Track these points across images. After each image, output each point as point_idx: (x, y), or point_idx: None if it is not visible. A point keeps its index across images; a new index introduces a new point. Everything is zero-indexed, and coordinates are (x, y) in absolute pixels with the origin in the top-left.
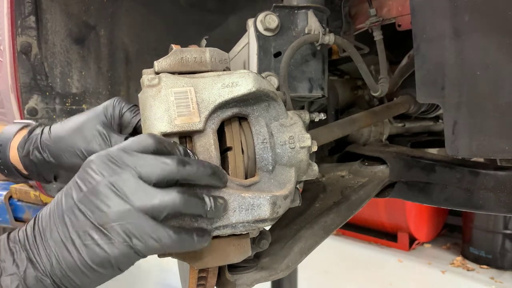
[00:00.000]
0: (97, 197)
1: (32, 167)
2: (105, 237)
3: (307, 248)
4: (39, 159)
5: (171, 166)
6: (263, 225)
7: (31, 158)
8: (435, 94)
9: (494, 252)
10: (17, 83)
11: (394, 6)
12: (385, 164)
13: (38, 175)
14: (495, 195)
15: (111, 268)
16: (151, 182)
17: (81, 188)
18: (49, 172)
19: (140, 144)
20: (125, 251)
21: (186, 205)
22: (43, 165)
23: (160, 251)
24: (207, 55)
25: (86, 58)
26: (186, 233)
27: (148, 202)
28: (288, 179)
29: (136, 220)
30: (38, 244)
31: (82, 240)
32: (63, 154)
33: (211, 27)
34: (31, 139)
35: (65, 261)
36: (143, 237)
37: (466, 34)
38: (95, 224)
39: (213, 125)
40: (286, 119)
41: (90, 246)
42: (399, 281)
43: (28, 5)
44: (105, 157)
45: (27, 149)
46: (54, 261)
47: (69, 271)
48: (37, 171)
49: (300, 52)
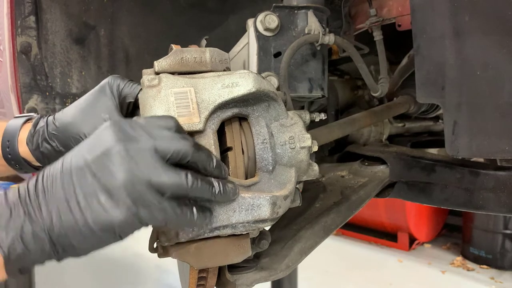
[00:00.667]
0: (110, 161)
1: (44, 159)
2: (112, 201)
3: (307, 248)
4: (50, 150)
5: (187, 147)
6: (263, 225)
7: (41, 150)
8: (435, 94)
9: (494, 252)
10: (17, 83)
11: (394, 6)
12: (385, 164)
13: None
14: (495, 195)
15: (112, 234)
16: (165, 157)
17: (94, 149)
18: None
19: (161, 120)
20: (130, 218)
21: (195, 186)
22: (54, 156)
23: (162, 223)
24: (207, 55)
25: (86, 58)
26: (188, 208)
27: (158, 177)
28: (288, 179)
29: (145, 191)
30: (40, 201)
31: (87, 201)
32: (71, 142)
33: (211, 27)
34: (38, 132)
35: (66, 219)
36: (149, 206)
37: (466, 34)
38: (104, 187)
39: (213, 125)
40: (287, 119)
41: (95, 208)
42: (399, 281)
43: (28, 5)
44: (125, 123)
45: (36, 142)
46: (55, 218)
47: (69, 230)
48: (49, 162)
49: (300, 52)
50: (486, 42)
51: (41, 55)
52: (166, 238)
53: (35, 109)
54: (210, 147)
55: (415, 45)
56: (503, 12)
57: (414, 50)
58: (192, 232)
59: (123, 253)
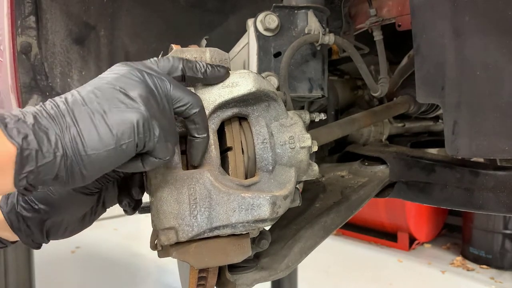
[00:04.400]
0: (129, 78)
1: (20, 224)
2: (129, 106)
3: (307, 248)
4: (27, 210)
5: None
6: (263, 225)
7: (17, 211)
8: (435, 94)
9: (494, 252)
10: (17, 83)
11: (394, 6)
12: (385, 164)
13: (27, 235)
14: (495, 195)
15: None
16: None
17: (111, 74)
18: (39, 226)
19: None
20: (145, 121)
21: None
22: (31, 218)
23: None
24: (207, 55)
25: (86, 58)
26: None
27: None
28: (288, 179)
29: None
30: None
31: (109, 106)
32: (51, 193)
33: (211, 27)
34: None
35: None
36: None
37: (466, 34)
38: (123, 92)
39: (213, 125)
40: (286, 119)
41: (114, 111)
42: (399, 281)
43: (28, 5)
44: None
45: (11, 203)
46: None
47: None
48: (25, 229)
49: (300, 52)
50: (486, 42)
51: (41, 55)
52: (166, 237)
53: None
54: (210, 147)
55: (415, 45)
56: (503, 12)
57: (414, 50)
58: (192, 231)
59: (123, 253)
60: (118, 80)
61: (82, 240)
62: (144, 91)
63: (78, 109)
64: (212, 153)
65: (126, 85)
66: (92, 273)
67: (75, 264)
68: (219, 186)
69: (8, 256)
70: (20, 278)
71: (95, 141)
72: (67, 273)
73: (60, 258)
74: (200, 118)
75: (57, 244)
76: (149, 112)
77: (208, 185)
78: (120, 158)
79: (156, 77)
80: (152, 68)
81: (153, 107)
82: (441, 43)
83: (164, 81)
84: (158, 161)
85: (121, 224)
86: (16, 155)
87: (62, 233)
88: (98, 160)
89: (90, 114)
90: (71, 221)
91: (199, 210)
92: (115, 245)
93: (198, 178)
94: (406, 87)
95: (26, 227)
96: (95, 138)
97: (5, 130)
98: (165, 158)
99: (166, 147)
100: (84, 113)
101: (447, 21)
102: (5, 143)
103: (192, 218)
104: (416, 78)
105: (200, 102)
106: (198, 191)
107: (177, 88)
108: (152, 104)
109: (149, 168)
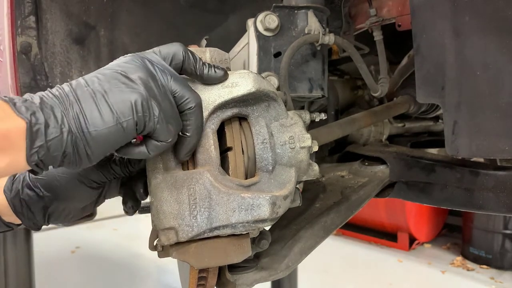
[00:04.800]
0: (131, 63)
1: (23, 209)
2: (130, 87)
3: (307, 248)
4: (31, 196)
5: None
6: (263, 225)
7: (22, 198)
8: (435, 94)
9: (494, 252)
10: (17, 83)
11: (394, 6)
12: (385, 164)
13: (29, 219)
14: (495, 195)
15: (129, 114)
16: None
17: (116, 62)
18: (42, 211)
19: None
20: (144, 101)
21: (187, 55)
22: (35, 204)
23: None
24: (207, 55)
25: (86, 58)
26: None
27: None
28: (288, 179)
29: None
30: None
31: (110, 86)
32: (56, 181)
33: (211, 27)
34: (18, 178)
35: (87, 105)
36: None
37: (466, 34)
38: (124, 75)
39: (213, 125)
40: (287, 119)
41: (115, 91)
42: (399, 281)
43: (28, 5)
44: None
45: (15, 189)
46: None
47: (87, 112)
48: (28, 213)
49: (300, 52)
50: (486, 42)
51: (41, 55)
52: (166, 237)
53: None
54: (210, 147)
55: (415, 45)
56: (503, 12)
57: (414, 50)
58: (192, 231)
59: (123, 253)
60: (120, 65)
61: (82, 240)
62: (144, 74)
63: (81, 90)
64: (211, 153)
65: (127, 68)
66: (92, 273)
67: (75, 264)
68: (219, 186)
69: (8, 256)
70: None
71: (97, 118)
72: (67, 273)
73: (60, 258)
74: (194, 116)
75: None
76: (149, 93)
77: (208, 185)
78: (121, 137)
79: (157, 66)
80: (155, 57)
81: (153, 89)
82: (441, 43)
83: (165, 72)
84: (161, 145)
85: (121, 224)
86: (26, 130)
87: (62, 220)
88: (100, 137)
89: (91, 94)
90: (73, 209)
91: (199, 210)
92: (115, 245)
93: (198, 179)
94: (406, 87)
95: (29, 211)
96: (96, 116)
97: (14, 107)
98: (167, 141)
99: (167, 128)
100: (86, 93)
101: (447, 21)
102: (15, 119)
103: (192, 218)
104: (416, 78)
105: (198, 100)
106: (198, 191)
107: (177, 81)
108: (151, 87)
109: (153, 154)
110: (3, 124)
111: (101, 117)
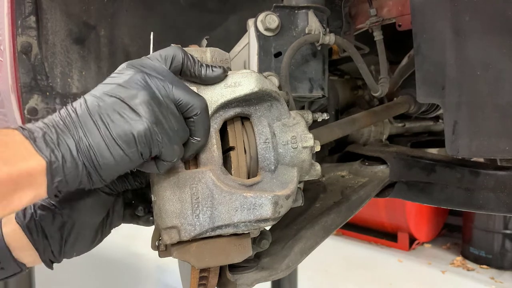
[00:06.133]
0: (133, 85)
1: (39, 235)
2: (134, 114)
3: (307, 248)
4: (46, 217)
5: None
6: (265, 225)
7: (36, 219)
8: (435, 94)
9: (494, 252)
10: (17, 83)
11: (394, 6)
12: (385, 164)
13: (45, 247)
14: (495, 195)
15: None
16: None
17: (116, 80)
18: (58, 233)
19: None
20: (148, 129)
21: (186, 57)
22: (50, 226)
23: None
24: (208, 55)
25: (86, 58)
26: None
27: None
28: (290, 179)
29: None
30: (69, 124)
31: (112, 117)
32: (79, 195)
33: (211, 27)
34: None
35: (93, 135)
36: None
37: (466, 34)
38: (127, 105)
39: (216, 125)
40: (289, 119)
41: (118, 121)
42: (399, 281)
43: (28, 5)
44: None
45: (28, 213)
46: (83, 135)
47: (94, 144)
48: (44, 241)
49: (301, 52)
50: (486, 42)
51: (41, 55)
52: (168, 236)
53: (35, 109)
54: (212, 147)
55: (415, 45)
56: (503, 12)
57: (414, 50)
58: (195, 230)
59: (123, 253)
60: (120, 89)
61: None
62: (146, 97)
63: (87, 121)
64: (214, 153)
65: (129, 94)
66: (92, 273)
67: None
68: (221, 186)
69: None
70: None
71: (104, 151)
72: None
73: None
74: (201, 121)
75: None
76: (151, 119)
77: (210, 184)
78: (129, 164)
79: (158, 79)
80: (154, 68)
81: (156, 112)
82: (442, 43)
83: (166, 82)
84: (167, 164)
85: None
86: (46, 167)
87: (78, 244)
88: (109, 166)
89: (96, 126)
90: (87, 226)
91: (201, 210)
92: (115, 245)
93: (201, 178)
94: (406, 87)
95: (45, 239)
96: (104, 149)
97: (35, 144)
98: (172, 161)
99: (172, 149)
100: (92, 126)
101: (447, 21)
102: (36, 158)
103: (195, 217)
104: (417, 78)
105: (203, 104)
106: (201, 191)
107: (179, 88)
108: (154, 110)
109: (162, 171)
110: (27, 163)
111: (108, 149)
